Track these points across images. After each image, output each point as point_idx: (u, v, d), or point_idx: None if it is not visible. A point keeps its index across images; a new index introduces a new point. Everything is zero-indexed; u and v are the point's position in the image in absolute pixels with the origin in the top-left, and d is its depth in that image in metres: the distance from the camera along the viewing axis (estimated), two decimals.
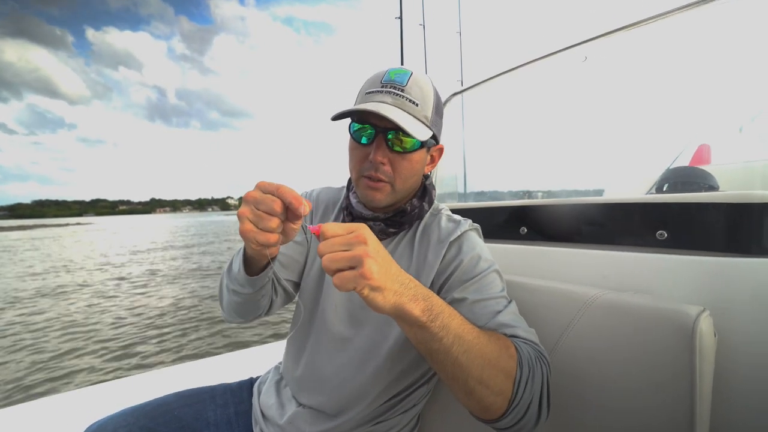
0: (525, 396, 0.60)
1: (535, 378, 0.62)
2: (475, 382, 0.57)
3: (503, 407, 0.59)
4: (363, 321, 0.85)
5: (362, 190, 0.82)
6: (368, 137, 0.78)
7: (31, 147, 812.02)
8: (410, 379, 0.86)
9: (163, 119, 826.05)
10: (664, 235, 0.83)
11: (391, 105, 0.74)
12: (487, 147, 2.26)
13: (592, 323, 0.74)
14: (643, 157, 2.55)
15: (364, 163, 0.79)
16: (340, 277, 0.50)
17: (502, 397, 0.59)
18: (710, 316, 0.63)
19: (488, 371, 0.58)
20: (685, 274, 0.77)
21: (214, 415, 0.94)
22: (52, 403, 1.57)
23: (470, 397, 0.59)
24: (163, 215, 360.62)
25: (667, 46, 1.36)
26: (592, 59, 1.34)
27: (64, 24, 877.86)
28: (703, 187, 1.56)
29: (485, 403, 0.59)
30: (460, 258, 0.79)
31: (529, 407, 0.61)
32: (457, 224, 0.85)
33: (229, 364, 1.95)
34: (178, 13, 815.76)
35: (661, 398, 0.63)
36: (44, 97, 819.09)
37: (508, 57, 1.72)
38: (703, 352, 0.60)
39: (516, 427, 0.61)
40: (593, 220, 0.98)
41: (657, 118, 2.27)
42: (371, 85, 0.78)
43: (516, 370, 0.60)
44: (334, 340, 0.86)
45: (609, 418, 0.69)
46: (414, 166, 0.81)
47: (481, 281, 0.75)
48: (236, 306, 0.81)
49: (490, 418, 0.61)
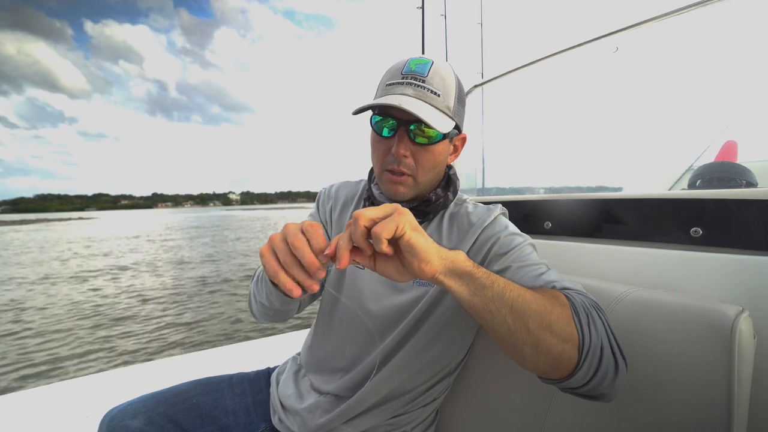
0: (594, 340, 0.55)
1: (596, 323, 0.57)
2: (538, 327, 0.52)
3: (575, 356, 0.54)
4: (388, 306, 0.84)
5: (385, 184, 0.81)
6: (390, 130, 0.77)
7: (33, 141, 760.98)
8: (431, 372, 0.85)
9: (165, 113, 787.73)
10: (699, 232, 0.80)
11: (412, 97, 0.73)
12: (505, 142, 2.22)
13: (620, 321, 0.72)
14: (664, 154, 2.49)
15: (386, 156, 0.78)
16: (382, 224, 0.49)
17: (570, 343, 0.54)
18: (750, 316, 0.60)
19: (547, 316, 0.53)
20: (721, 272, 0.74)
21: (233, 404, 0.95)
22: (71, 387, 1.60)
23: (538, 348, 0.53)
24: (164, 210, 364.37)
25: (693, 39, 1.31)
26: (619, 51, 1.30)
27: (63, 16, 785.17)
28: (741, 183, 1.50)
29: (554, 352, 0.53)
30: (496, 236, 0.77)
31: (603, 354, 0.55)
32: (487, 209, 0.84)
33: (244, 353, 1.97)
34: (177, 6, 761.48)
35: (695, 401, 0.61)
36: (44, 91, 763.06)
37: (532, 48, 1.67)
38: (741, 354, 0.58)
39: (594, 381, 0.55)
40: (621, 216, 0.95)
41: (680, 114, 2.21)
42: (392, 77, 0.77)
43: (573, 315, 0.56)
44: (357, 330, 0.86)
45: (641, 420, 0.67)
46: (437, 157, 0.80)
47: (519, 251, 0.73)
48: (266, 314, 0.84)
49: (565, 373, 0.55)
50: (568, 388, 0.57)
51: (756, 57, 1.64)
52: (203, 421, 0.89)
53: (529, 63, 1.56)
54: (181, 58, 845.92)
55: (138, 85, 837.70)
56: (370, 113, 0.80)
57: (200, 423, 0.89)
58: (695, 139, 2.36)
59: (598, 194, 1.01)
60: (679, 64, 1.78)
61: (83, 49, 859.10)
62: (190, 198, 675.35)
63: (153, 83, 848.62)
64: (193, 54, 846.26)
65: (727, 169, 1.60)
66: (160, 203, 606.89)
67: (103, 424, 0.85)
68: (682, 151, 2.41)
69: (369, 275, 0.86)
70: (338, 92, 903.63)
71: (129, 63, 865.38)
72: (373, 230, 0.49)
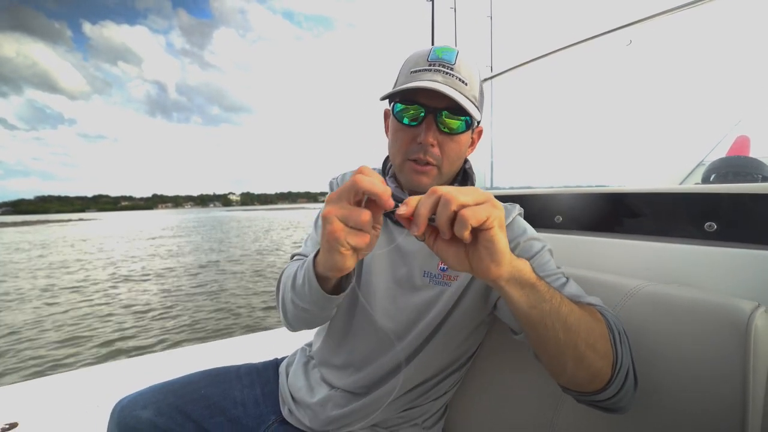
0: (625, 358, 0.57)
1: (624, 341, 0.58)
2: (585, 344, 0.53)
3: (608, 372, 0.55)
4: (404, 306, 0.82)
5: (407, 174, 0.78)
6: (414, 118, 0.74)
7: (33, 142, 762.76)
8: (442, 365, 0.85)
9: (164, 114, 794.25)
10: (714, 226, 0.79)
11: (443, 84, 0.70)
12: (514, 138, 2.20)
13: (633, 316, 0.71)
14: (673, 150, 2.46)
15: (411, 145, 0.75)
16: (472, 209, 0.44)
17: (606, 360, 0.55)
18: (766, 312, 0.60)
19: (593, 334, 0.54)
20: (736, 267, 0.73)
21: (241, 395, 0.95)
22: (82, 377, 1.62)
23: (580, 364, 0.54)
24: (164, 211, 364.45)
25: (705, 34, 1.29)
26: (632, 44, 1.29)
27: (61, 17, 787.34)
28: (757, 177, 1.47)
29: (594, 368, 0.55)
30: (515, 241, 0.76)
31: (628, 371, 0.57)
32: (505, 209, 0.82)
33: (252, 344, 1.98)
34: (175, 7, 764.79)
35: (710, 398, 0.60)
36: (43, 92, 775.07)
37: (542, 42, 1.66)
38: (758, 350, 0.57)
39: (619, 395, 0.57)
40: (634, 210, 0.94)
41: (692, 108, 2.18)
42: (416, 63, 0.74)
43: (609, 332, 0.57)
44: (373, 329, 0.83)
45: (651, 416, 0.66)
46: (461, 148, 0.78)
47: (539, 259, 0.73)
48: (305, 319, 0.77)
49: (597, 387, 0.56)
50: (594, 401, 0.59)
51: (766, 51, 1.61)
52: (212, 412, 0.90)
53: (539, 56, 1.54)
54: (180, 59, 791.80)
55: (137, 87, 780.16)
56: (387, 103, 0.79)
57: (209, 414, 0.89)
58: (705, 134, 2.33)
59: (609, 188, 1.00)
60: (691, 59, 1.76)
61: (82, 50, 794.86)
62: (191, 199, 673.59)
63: (152, 84, 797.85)
64: (192, 55, 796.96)
65: (743, 164, 1.57)
66: (161, 204, 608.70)
67: (114, 414, 0.86)
68: (691, 146, 2.38)
69: (384, 272, 0.83)
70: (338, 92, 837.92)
71: (128, 64, 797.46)
72: (463, 213, 0.43)
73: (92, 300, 7.53)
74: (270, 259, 13.15)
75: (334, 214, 0.48)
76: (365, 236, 0.49)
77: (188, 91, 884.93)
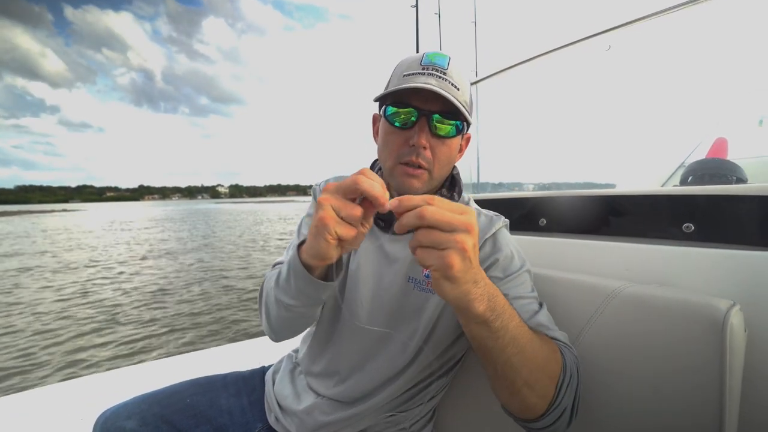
0: (564, 400, 0.60)
1: (572, 384, 0.61)
2: (523, 383, 0.56)
3: (543, 409, 0.59)
4: (389, 314, 0.82)
5: (399, 177, 0.77)
6: (406, 121, 0.74)
7: (12, 130, 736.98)
8: (429, 370, 0.85)
9: (150, 104, 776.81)
10: (691, 227, 0.81)
11: (437, 87, 0.70)
12: (499, 139, 2.23)
13: (615, 316, 0.72)
14: (655, 152, 2.51)
15: (402, 148, 0.75)
16: (423, 253, 0.47)
17: (544, 399, 0.58)
18: (741, 310, 0.61)
19: (536, 374, 0.57)
20: (713, 267, 0.74)
21: (227, 403, 0.94)
22: (64, 390, 1.59)
23: (513, 397, 0.59)
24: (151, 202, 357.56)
25: (684, 38, 1.32)
26: (611, 49, 1.31)
27: (41, 1, 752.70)
28: (731, 179, 1.51)
29: (527, 404, 0.58)
30: (495, 256, 0.76)
31: (564, 411, 0.60)
32: (490, 220, 0.82)
33: (239, 352, 1.96)
34: None
35: (688, 394, 0.62)
36: (23, 79, 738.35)
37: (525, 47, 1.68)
38: (733, 348, 0.59)
39: (549, 429, 0.61)
40: (615, 212, 0.96)
41: (672, 111, 2.23)
42: (409, 67, 0.74)
43: (560, 375, 0.60)
44: (359, 333, 0.83)
45: (632, 414, 0.67)
46: (452, 152, 0.78)
47: (515, 279, 0.74)
48: (289, 320, 0.76)
49: (527, 418, 0.60)
50: (524, 425, 0.63)
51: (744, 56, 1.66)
52: (197, 421, 0.88)
53: (522, 61, 1.56)
54: (167, 47, 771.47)
55: (122, 74, 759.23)
56: (376, 107, 0.79)
57: (195, 423, 0.88)
58: (687, 136, 2.38)
59: (592, 191, 1.02)
60: (670, 63, 1.80)
61: (64, 35, 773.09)
62: (178, 191, 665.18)
63: (138, 72, 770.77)
64: (179, 43, 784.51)
65: (718, 166, 1.62)
66: (147, 195, 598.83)
67: (97, 426, 0.85)
68: (674, 148, 2.43)
69: (370, 279, 0.83)
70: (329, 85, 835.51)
71: (112, 51, 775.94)
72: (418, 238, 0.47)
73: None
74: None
75: (329, 203, 0.50)
76: (353, 230, 0.51)
77: (175, 81, 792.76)
